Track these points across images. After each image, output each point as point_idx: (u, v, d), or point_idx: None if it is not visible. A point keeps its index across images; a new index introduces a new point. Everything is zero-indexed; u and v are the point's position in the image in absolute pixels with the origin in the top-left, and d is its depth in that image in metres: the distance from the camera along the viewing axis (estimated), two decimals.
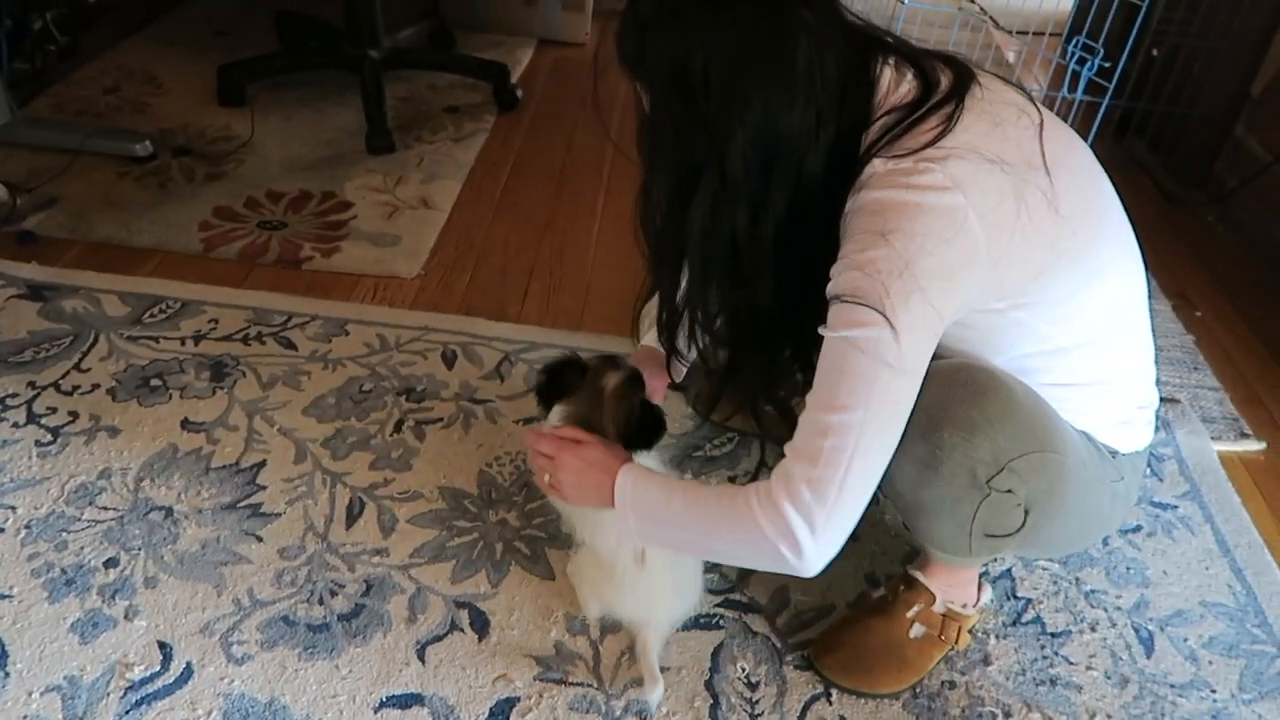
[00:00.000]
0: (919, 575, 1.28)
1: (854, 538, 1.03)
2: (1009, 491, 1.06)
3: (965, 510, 1.08)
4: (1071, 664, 1.33)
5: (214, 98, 2.53)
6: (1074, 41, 2.21)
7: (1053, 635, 1.36)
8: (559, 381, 1.29)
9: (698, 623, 1.33)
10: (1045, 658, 1.33)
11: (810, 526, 0.97)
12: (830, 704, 1.25)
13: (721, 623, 1.33)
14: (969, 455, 1.02)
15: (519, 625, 1.30)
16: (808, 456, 0.97)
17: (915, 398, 0.97)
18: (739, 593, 1.38)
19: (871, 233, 0.93)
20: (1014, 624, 1.37)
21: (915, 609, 1.27)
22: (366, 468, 1.52)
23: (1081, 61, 2.19)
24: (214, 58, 2.65)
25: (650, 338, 1.42)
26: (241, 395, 1.63)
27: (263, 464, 1.50)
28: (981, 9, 3.43)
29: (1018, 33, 3.51)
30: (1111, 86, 2.17)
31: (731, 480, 1.57)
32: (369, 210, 2.16)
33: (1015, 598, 1.41)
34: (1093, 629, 1.38)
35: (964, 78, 1.00)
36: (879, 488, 1.01)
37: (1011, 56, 3.41)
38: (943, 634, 1.28)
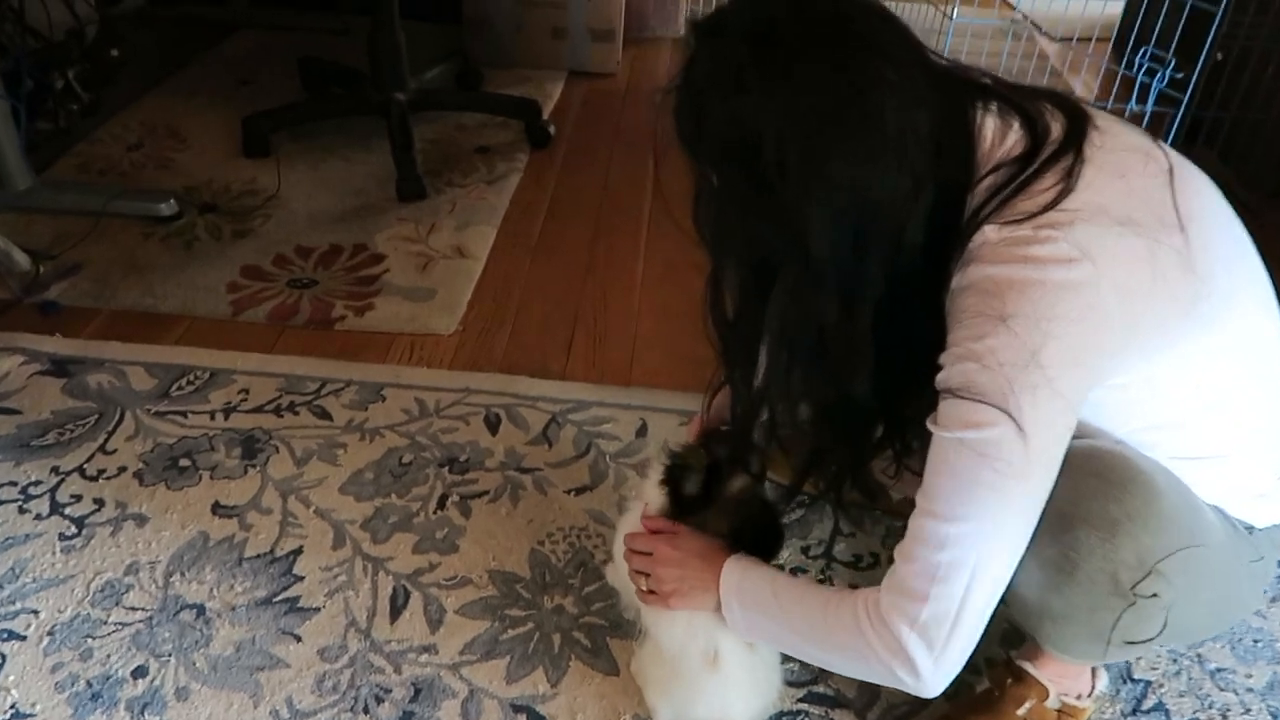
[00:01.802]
0: (1029, 667, 1.14)
1: None
2: (1154, 596, 0.92)
3: (1104, 619, 0.94)
4: None
5: (239, 149, 2.46)
6: (1141, 52, 2.07)
7: None
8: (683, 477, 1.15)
9: None
10: None
11: (929, 647, 0.85)
12: None
13: (807, 715, 1.20)
14: (1110, 559, 0.88)
15: None
16: (923, 573, 0.84)
17: (1046, 501, 0.84)
18: (823, 685, 1.24)
19: (988, 316, 0.81)
20: (1134, 713, 1.23)
21: (1026, 706, 1.13)
22: (410, 551, 1.40)
23: (1150, 73, 2.05)
24: (237, 108, 2.58)
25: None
26: (275, 473, 1.52)
27: (299, 551, 1.39)
28: (1028, 19, 3.30)
29: (1062, 39, 3.37)
30: (1186, 98, 2.02)
31: (804, 551, 1.44)
32: (402, 262, 2.06)
33: (1132, 680, 1.26)
34: (1224, 717, 1.23)
35: (1078, 121, 0.87)
36: None
37: (1057, 63, 3.27)
38: None
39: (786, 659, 1.23)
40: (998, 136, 0.88)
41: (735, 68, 0.81)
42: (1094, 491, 0.88)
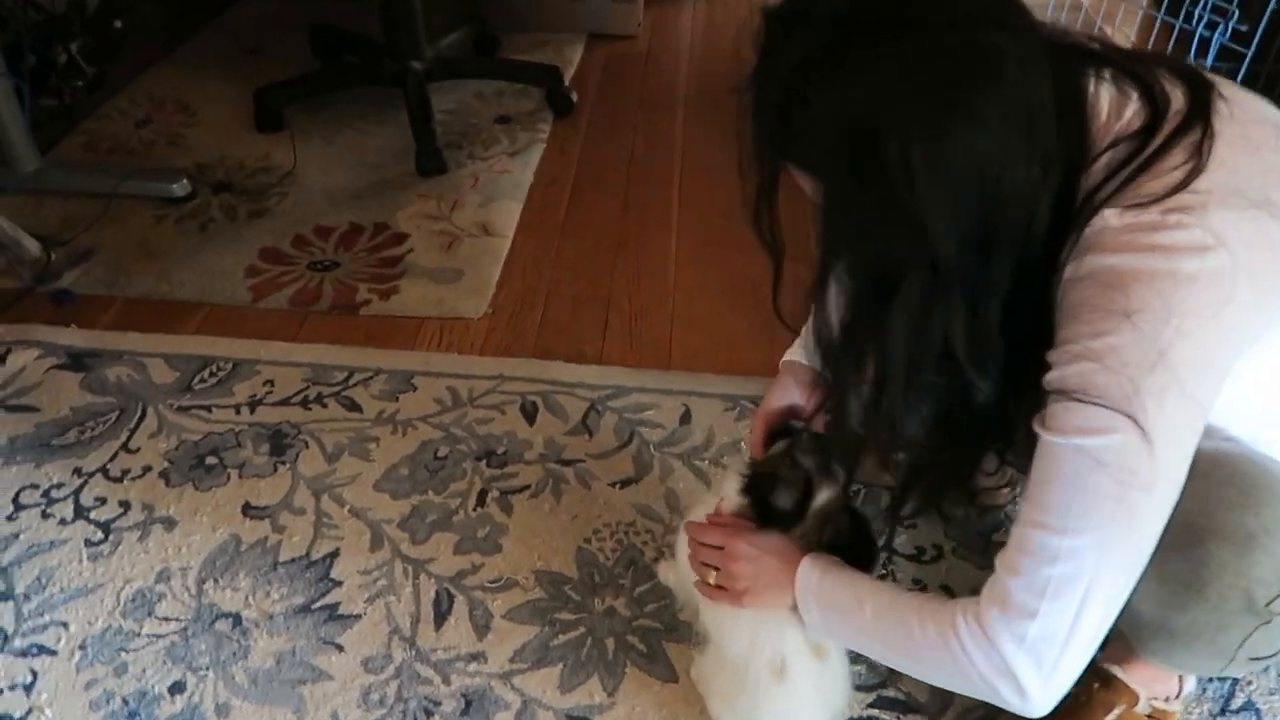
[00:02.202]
0: (1118, 672, 1.08)
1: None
2: None
3: (1233, 637, 0.88)
4: None
5: (250, 124, 2.36)
6: (1202, 3, 1.94)
7: None
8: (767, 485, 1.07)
9: None
10: None
11: (1038, 666, 0.78)
12: None
13: None
14: (1244, 575, 0.81)
15: None
16: (1031, 587, 0.77)
17: (1171, 511, 0.76)
18: (893, 689, 1.18)
19: (1109, 311, 0.73)
20: (1222, 713, 1.16)
21: (1115, 712, 1.07)
22: (451, 552, 1.34)
23: (1212, 25, 1.93)
24: (248, 79, 2.48)
25: (794, 351, 1.21)
26: (306, 470, 1.46)
27: (336, 554, 1.33)
28: None
29: None
30: (1250, 52, 1.91)
31: None
32: (426, 242, 1.98)
33: (1219, 679, 1.20)
34: None
35: (1201, 90, 0.78)
36: None
37: (1093, 11, 3.13)
38: None
39: (854, 657, 1.17)
40: (1114, 108, 0.79)
41: (834, 52, 0.72)
42: (1226, 502, 0.80)
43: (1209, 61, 2.01)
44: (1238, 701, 1.17)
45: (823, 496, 1.03)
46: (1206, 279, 0.71)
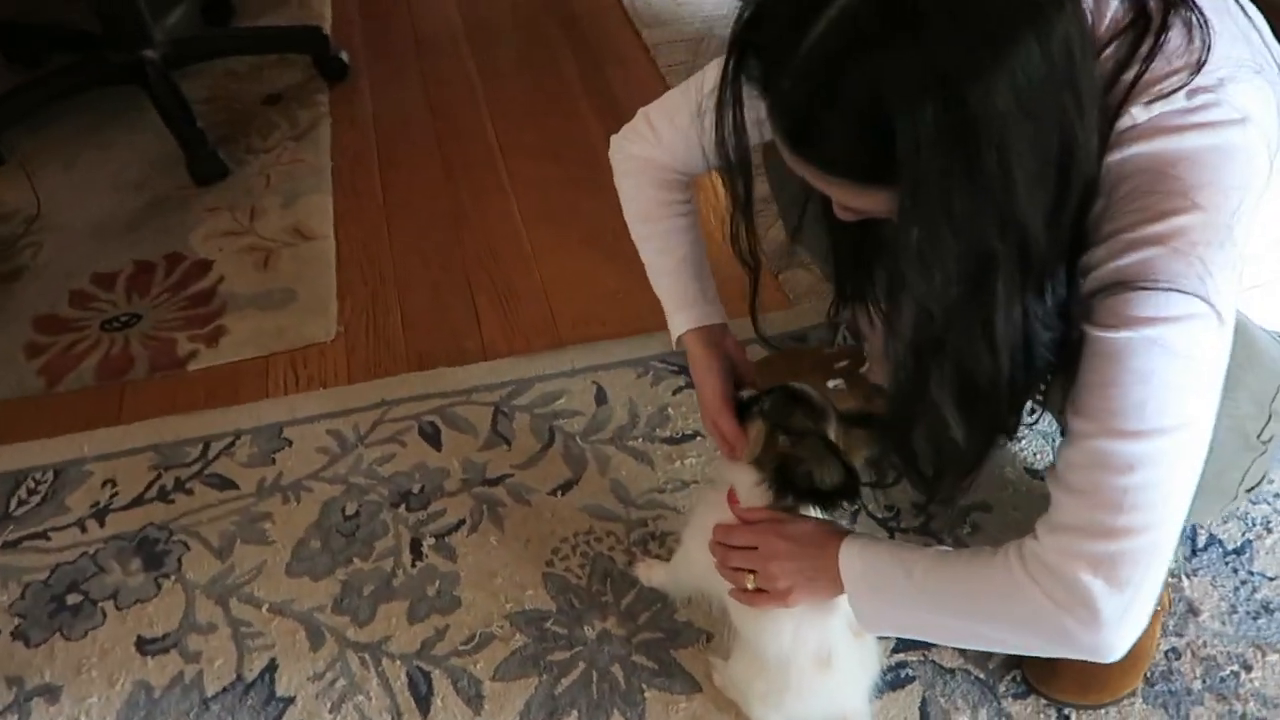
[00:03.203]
0: None
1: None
2: (1273, 438, 0.89)
3: (1233, 476, 0.91)
4: (1271, 579, 1.19)
5: None
6: None
7: (1236, 553, 1.22)
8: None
9: (885, 682, 1.10)
10: (1244, 583, 1.19)
11: (1118, 590, 0.73)
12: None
13: (911, 673, 1.12)
14: (1234, 415, 0.81)
15: None
16: (1106, 504, 0.72)
17: None
18: None
19: (1166, 194, 0.68)
20: (1192, 555, 1.22)
21: None
22: (406, 622, 1.18)
23: None
24: None
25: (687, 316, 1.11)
26: (196, 576, 1.23)
27: (273, 666, 1.14)
28: None
29: None
30: None
31: None
32: (235, 264, 1.70)
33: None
34: (1267, 529, 1.24)
35: None
36: None
37: None
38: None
39: None
40: (1097, 6, 0.73)
41: (891, 27, 0.60)
42: None
43: None
44: (1200, 539, 1.23)
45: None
46: (1248, 150, 0.70)
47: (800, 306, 1.59)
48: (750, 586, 0.96)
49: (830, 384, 1.37)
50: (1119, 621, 0.76)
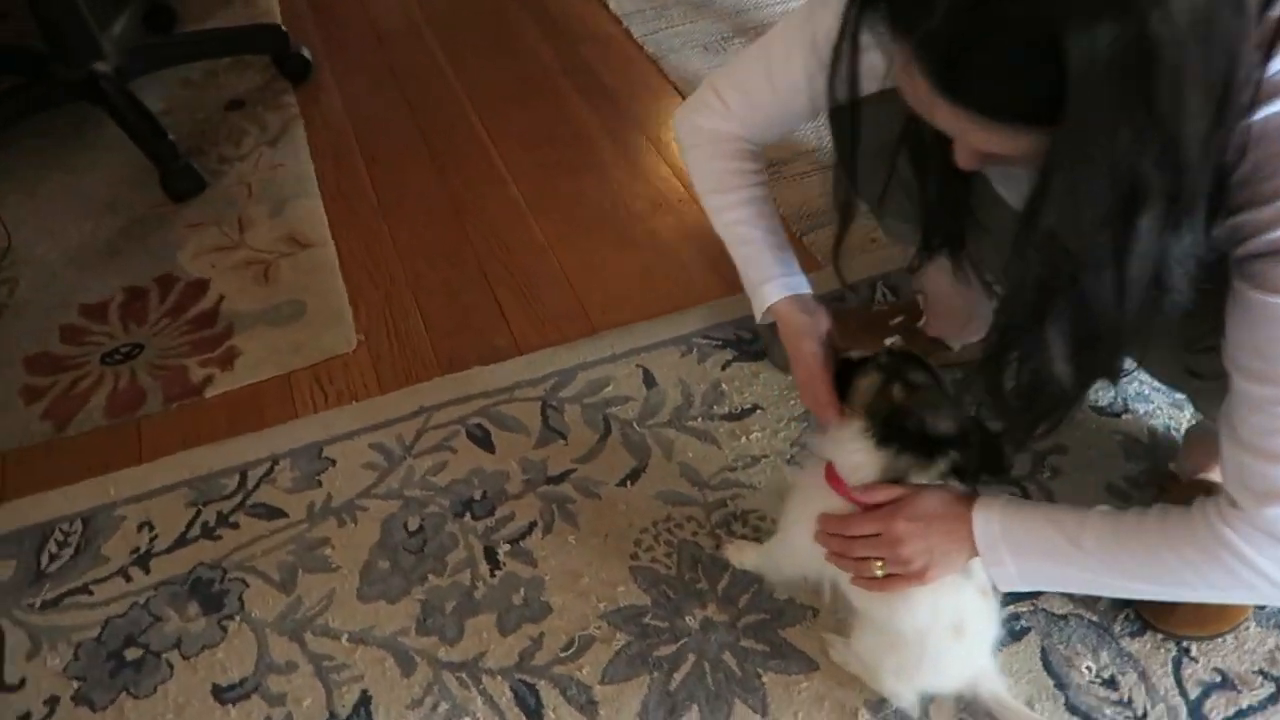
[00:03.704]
0: (1215, 476, 1.10)
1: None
2: None
3: None
4: None
5: None
6: None
7: None
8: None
9: (1003, 635, 1.08)
10: None
11: None
12: (1196, 661, 1.06)
13: (1025, 624, 1.10)
14: None
15: None
16: None
17: None
18: None
19: None
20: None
21: None
22: (499, 635, 1.12)
23: None
24: None
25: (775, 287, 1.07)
26: (263, 613, 1.15)
27: (367, 699, 1.07)
28: None
29: None
30: None
31: None
32: (234, 281, 1.60)
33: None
34: None
35: None
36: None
37: None
38: None
39: None
40: None
41: None
42: None
43: None
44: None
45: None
46: None
47: (828, 269, 1.56)
48: (880, 574, 0.93)
49: (887, 341, 1.34)
50: None
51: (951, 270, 0.96)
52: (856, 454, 0.93)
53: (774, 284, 1.04)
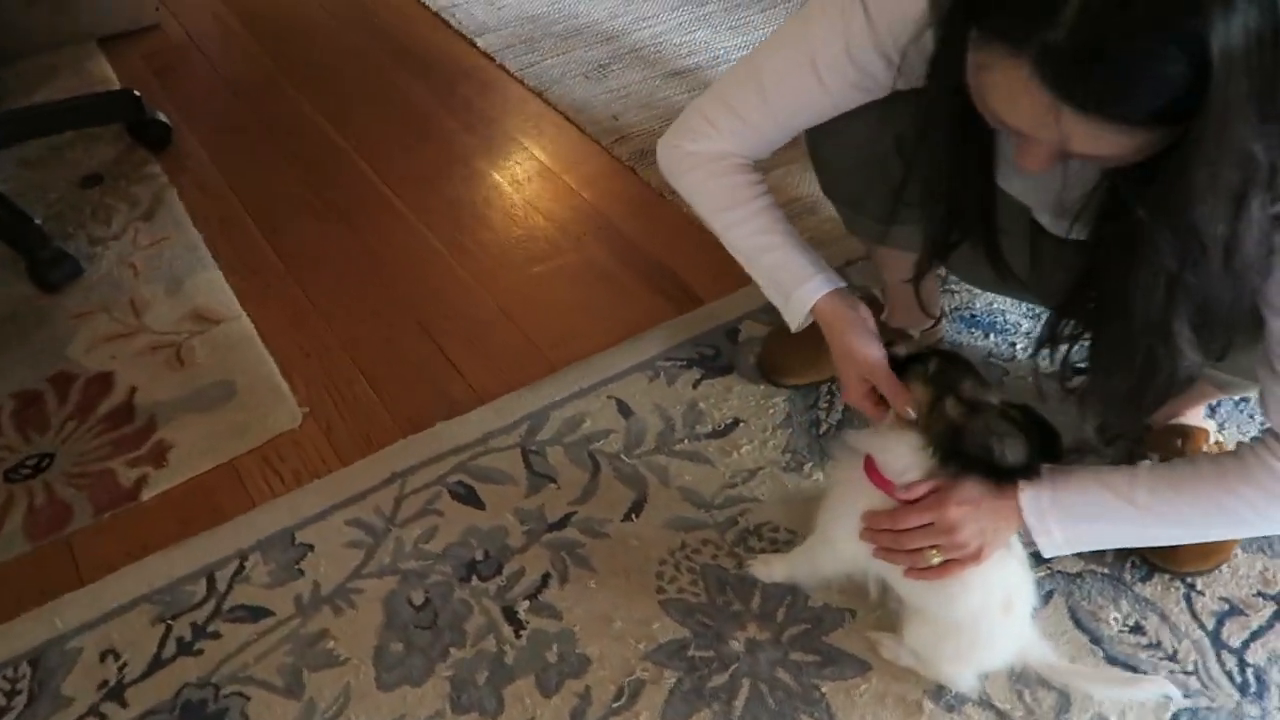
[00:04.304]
0: (1190, 422, 1.19)
1: None
2: None
3: None
4: None
5: None
6: None
7: None
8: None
9: None
10: None
11: None
12: (1203, 594, 1.13)
13: (1048, 586, 1.14)
14: None
15: None
16: None
17: None
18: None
19: None
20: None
21: (1205, 448, 1.18)
22: (542, 698, 1.06)
23: None
24: None
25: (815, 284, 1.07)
26: None
27: None
28: None
29: None
30: None
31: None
32: (143, 370, 1.45)
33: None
34: None
35: None
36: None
37: None
38: None
39: None
40: None
41: None
42: None
43: None
44: None
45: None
46: None
47: None
48: (936, 561, 0.94)
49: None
50: None
51: (988, 261, 0.97)
52: (907, 458, 0.94)
53: (813, 283, 1.04)
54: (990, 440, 0.88)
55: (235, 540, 1.22)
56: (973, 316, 1.46)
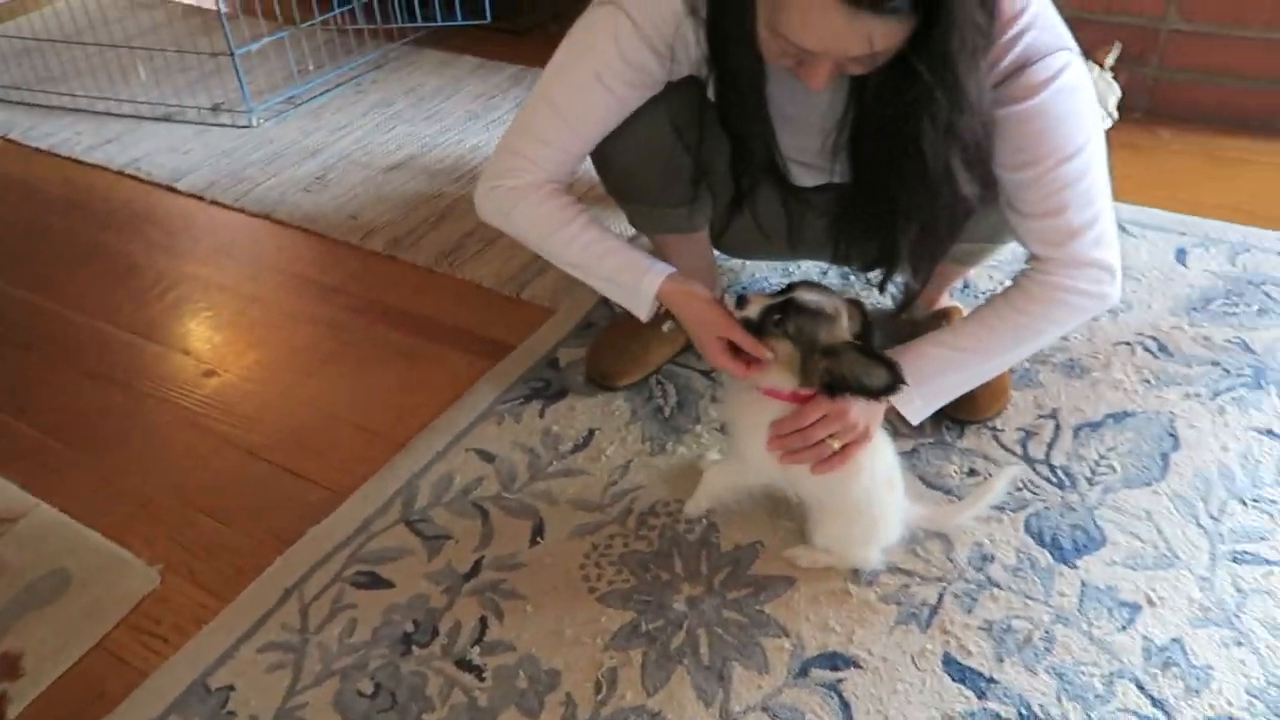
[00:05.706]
0: (944, 304, 1.47)
1: None
2: None
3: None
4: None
5: None
6: None
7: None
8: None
9: None
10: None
11: (1111, 247, 1.09)
12: (1003, 430, 1.39)
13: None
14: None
15: (889, 666, 1.16)
16: (1078, 205, 1.05)
17: None
18: None
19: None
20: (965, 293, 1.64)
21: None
22: None
23: None
24: None
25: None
26: None
27: None
28: None
29: None
30: None
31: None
32: None
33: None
34: None
35: None
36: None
37: None
38: None
39: None
40: None
41: None
42: None
43: None
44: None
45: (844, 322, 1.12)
46: None
47: (560, 313, 1.70)
48: (838, 446, 1.10)
49: (665, 328, 1.51)
50: (1119, 267, 1.09)
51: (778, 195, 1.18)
52: (792, 382, 1.10)
53: (652, 272, 1.17)
54: (859, 378, 1.05)
55: (144, 711, 1.12)
56: (744, 288, 1.68)
